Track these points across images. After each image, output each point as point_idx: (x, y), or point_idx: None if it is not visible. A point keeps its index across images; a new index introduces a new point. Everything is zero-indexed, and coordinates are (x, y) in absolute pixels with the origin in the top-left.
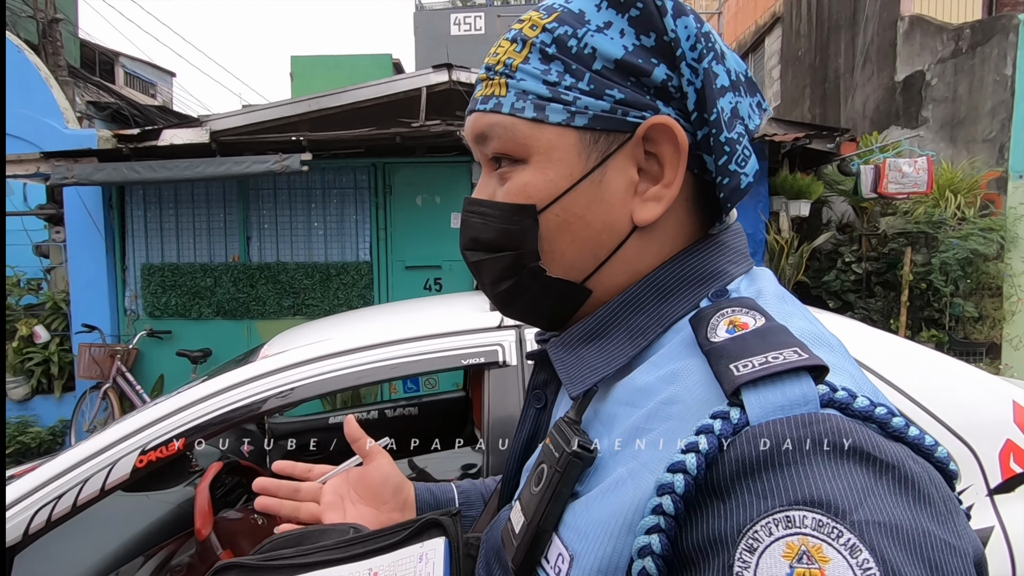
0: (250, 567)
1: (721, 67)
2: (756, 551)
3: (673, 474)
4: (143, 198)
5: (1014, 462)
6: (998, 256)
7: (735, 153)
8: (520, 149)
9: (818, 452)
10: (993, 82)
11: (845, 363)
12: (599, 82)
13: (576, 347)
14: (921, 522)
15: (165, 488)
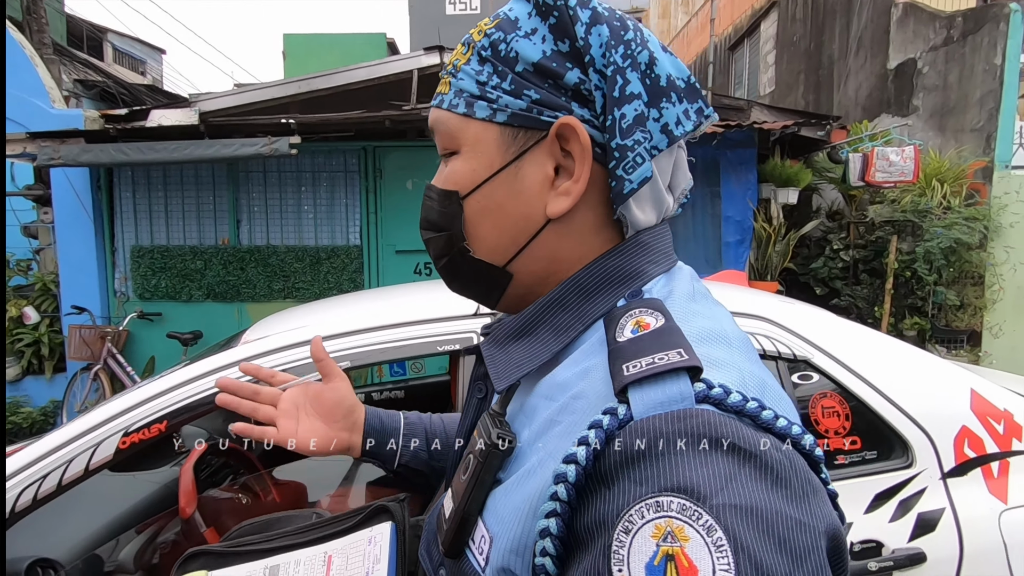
0: (217, 553)
1: (634, 74)
2: (630, 532)
3: (567, 464)
4: (131, 179)
5: (968, 447)
6: (981, 245)
7: (624, 159)
8: (453, 141)
9: (689, 444)
10: (983, 71)
11: (738, 359)
12: (519, 83)
13: (506, 343)
14: (775, 503)
15: (152, 468)
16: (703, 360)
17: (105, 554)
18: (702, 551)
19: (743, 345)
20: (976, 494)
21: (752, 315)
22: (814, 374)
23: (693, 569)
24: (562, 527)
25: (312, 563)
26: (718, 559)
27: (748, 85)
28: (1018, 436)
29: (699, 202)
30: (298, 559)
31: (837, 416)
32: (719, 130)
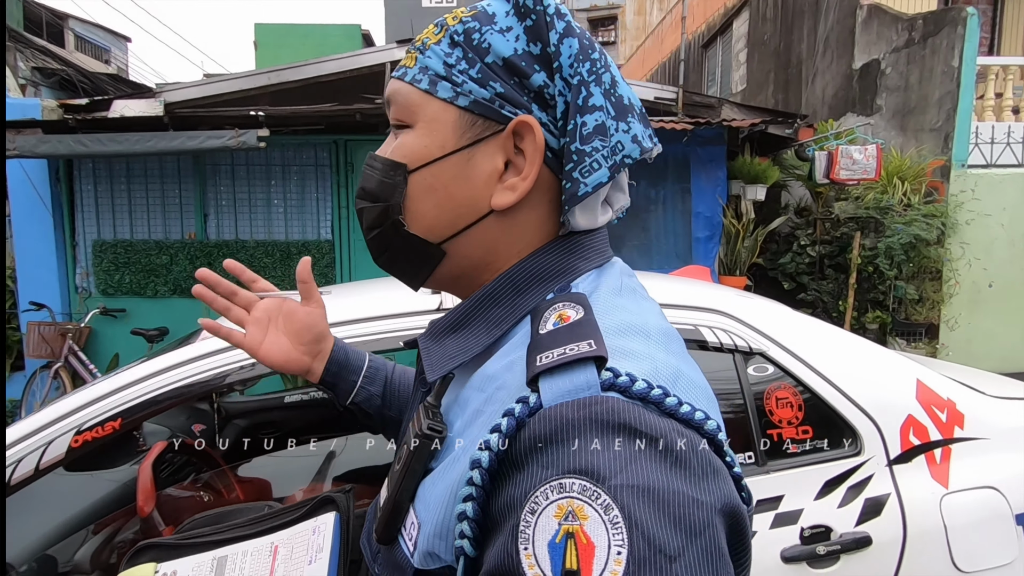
0: (168, 546)
1: (598, 89)
2: (536, 512)
3: (481, 451)
4: (92, 172)
5: (913, 435)
6: (939, 242)
7: (581, 163)
8: (410, 115)
9: (592, 429)
10: (941, 73)
11: (654, 351)
12: (486, 73)
13: (441, 336)
14: (672, 483)
15: (111, 467)
16: (617, 351)
17: (60, 554)
18: (599, 528)
19: (663, 338)
20: (920, 480)
21: (710, 309)
22: (769, 366)
23: (591, 545)
24: (478, 511)
25: (259, 553)
26: (613, 535)
27: (721, 83)
28: (960, 424)
29: (670, 198)
30: (245, 550)
31: (790, 407)
32: (689, 127)
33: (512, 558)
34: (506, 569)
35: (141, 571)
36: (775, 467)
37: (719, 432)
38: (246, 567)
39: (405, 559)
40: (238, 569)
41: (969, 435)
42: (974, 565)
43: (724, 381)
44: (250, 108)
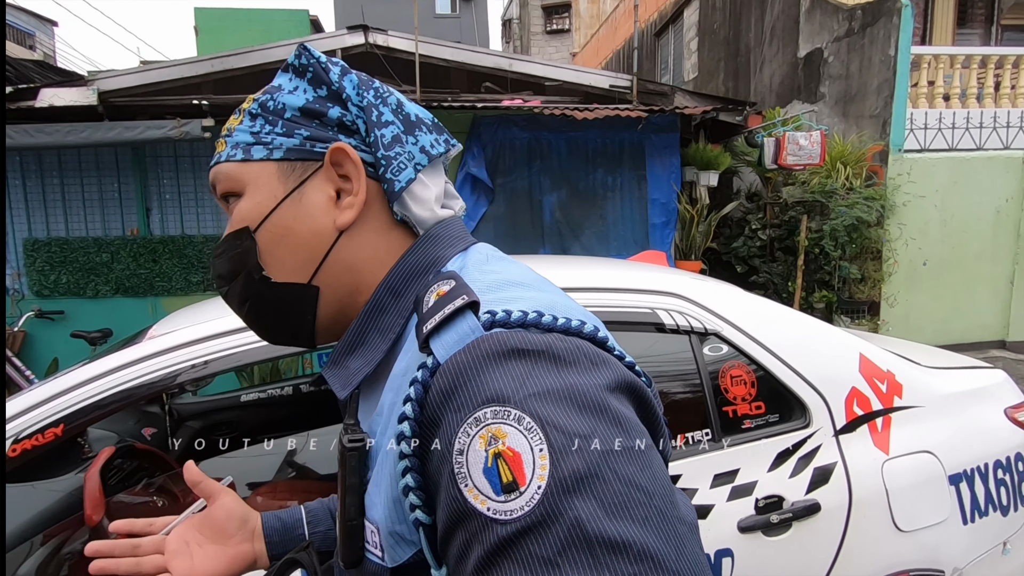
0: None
1: (386, 108)
2: (464, 452)
3: (400, 423)
4: (20, 165)
5: (857, 406)
6: (879, 223)
7: (390, 166)
8: (236, 185)
9: (486, 362)
10: (879, 62)
11: (529, 294)
12: (289, 125)
13: (342, 360)
14: (566, 380)
15: (55, 476)
16: (493, 301)
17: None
18: (519, 438)
19: (538, 282)
20: (863, 447)
21: (666, 292)
22: (723, 345)
23: (517, 455)
24: (418, 478)
25: None
26: (532, 439)
27: (673, 71)
28: (899, 394)
29: (626, 185)
30: None
31: (744, 384)
32: (644, 115)
33: (457, 500)
34: (457, 512)
35: None
36: (731, 442)
37: (598, 332)
38: None
39: (378, 567)
40: None
41: (907, 404)
42: (913, 524)
43: (681, 362)
44: (193, 97)
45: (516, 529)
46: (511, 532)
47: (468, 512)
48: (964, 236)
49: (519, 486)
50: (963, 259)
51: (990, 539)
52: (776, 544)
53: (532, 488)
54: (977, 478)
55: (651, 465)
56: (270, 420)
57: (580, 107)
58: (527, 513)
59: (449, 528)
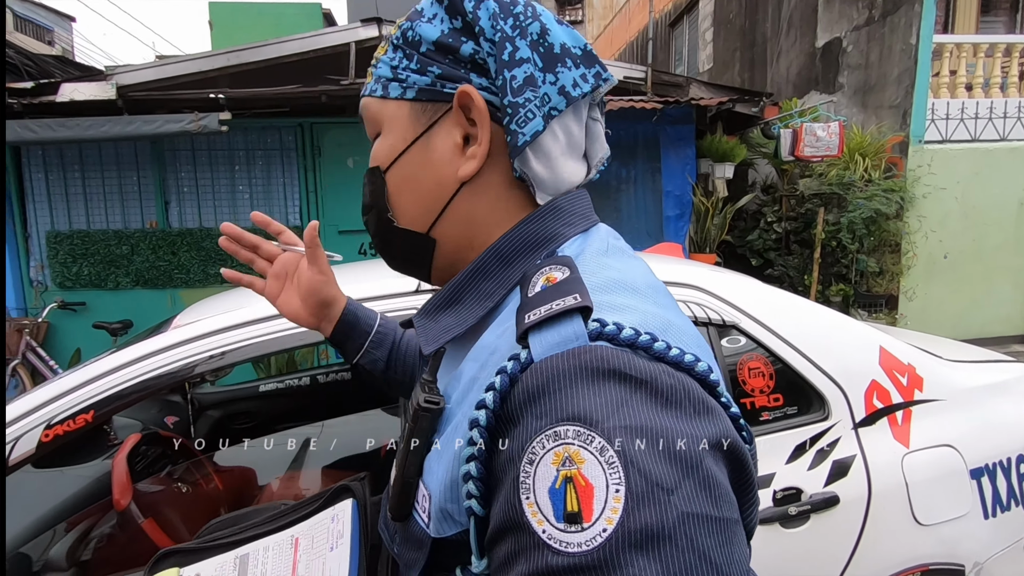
0: (188, 551)
1: (523, 42)
2: (534, 462)
3: (478, 410)
4: (43, 159)
5: (876, 399)
6: (898, 215)
7: (516, 115)
8: (376, 124)
9: (582, 377)
10: (900, 50)
11: (643, 304)
12: (423, 61)
13: (435, 313)
14: (664, 422)
15: (83, 462)
16: (604, 305)
17: (34, 551)
18: (596, 470)
19: (652, 292)
20: (883, 441)
21: (684, 284)
22: (741, 337)
23: (589, 487)
24: (481, 469)
25: (280, 547)
26: (611, 475)
27: (688, 62)
28: (920, 387)
29: (640, 177)
30: (267, 545)
31: (762, 376)
32: (659, 106)
33: (515, 508)
34: (511, 521)
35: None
36: None
37: (710, 373)
38: (268, 562)
39: (422, 531)
40: (261, 564)
41: (928, 397)
42: (932, 518)
43: None
44: (209, 90)
45: (568, 564)
46: (562, 565)
47: (522, 525)
48: (985, 228)
49: (583, 520)
50: (984, 252)
51: (1012, 534)
52: (794, 536)
53: (596, 528)
54: (999, 472)
55: (731, 542)
56: (288, 410)
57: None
58: (584, 553)
59: (500, 531)
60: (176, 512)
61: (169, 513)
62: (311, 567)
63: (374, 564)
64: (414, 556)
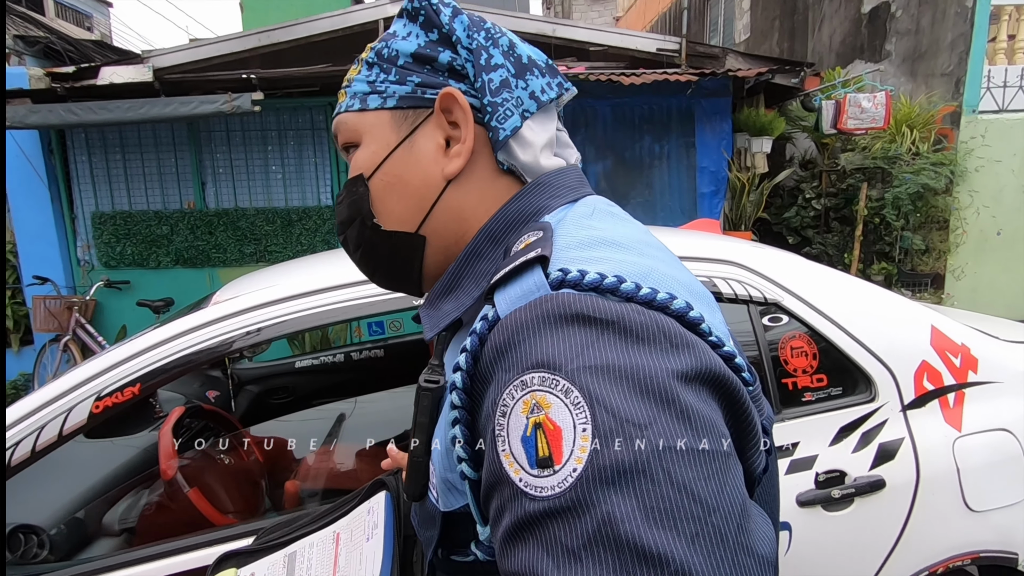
0: (246, 552)
1: (496, 51)
2: (506, 414)
3: (455, 373)
4: (86, 142)
5: (927, 380)
6: (947, 190)
7: (496, 112)
8: (354, 135)
9: (545, 324)
10: (954, 14)
11: (622, 255)
12: (402, 73)
13: (436, 301)
14: (633, 358)
15: (130, 434)
16: (576, 259)
17: (87, 517)
18: (562, 412)
19: (640, 246)
20: (933, 424)
21: (724, 260)
22: (784, 316)
23: (557, 430)
24: (466, 432)
25: (323, 543)
26: (577, 415)
27: (724, 32)
28: (974, 368)
29: (674, 153)
30: (312, 542)
31: (805, 356)
32: (694, 78)
33: (495, 463)
34: (495, 476)
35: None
36: (790, 415)
37: (689, 311)
38: (313, 557)
39: (433, 507)
40: (306, 560)
41: (983, 379)
42: (985, 504)
43: (739, 333)
44: (241, 71)
45: (544, 508)
46: (538, 510)
47: (503, 478)
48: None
49: (554, 463)
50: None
51: None
52: (837, 519)
53: (567, 469)
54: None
55: (719, 475)
56: (323, 386)
57: (627, 72)
58: (557, 495)
59: (488, 489)
60: (219, 482)
61: (212, 483)
62: (350, 558)
63: (408, 553)
64: (430, 534)
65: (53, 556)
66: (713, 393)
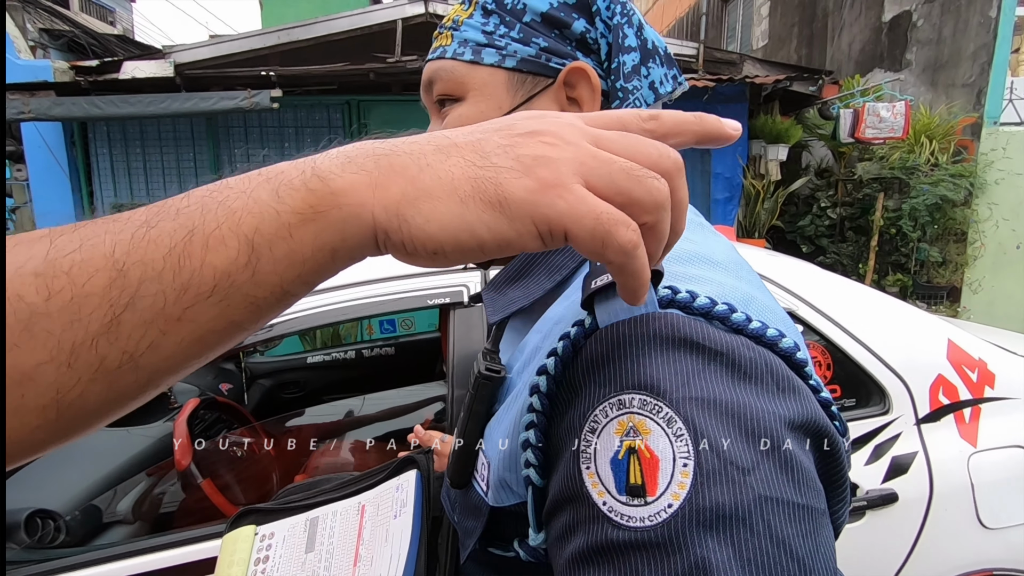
0: (265, 511)
1: (631, 30)
2: (596, 431)
3: (539, 376)
4: (107, 135)
5: (943, 395)
6: (966, 202)
7: (627, 100)
8: (459, 88)
9: (651, 344)
10: (977, 24)
11: (721, 276)
12: (527, 32)
13: (504, 287)
14: (740, 396)
15: (146, 423)
16: (680, 276)
17: (103, 505)
18: (662, 441)
19: (735, 267)
20: (948, 438)
21: None
22: (798, 325)
23: (655, 459)
24: (540, 437)
25: (347, 513)
26: (678, 448)
27: (741, 38)
28: (991, 384)
29: (688, 159)
30: (335, 510)
31: (819, 365)
32: (710, 84)
33: (575, 479)
34: (571, 492)
35: (242, 532)
36: None
37: (797, 351)
38: (336, 526)
39: (480, 500)
40: (329, 527)
41: (1000, 395)
42: (1000, 522)
43: None
44: (261, 68)
45: (629, 539)
46: (622, 540)
47: (581, 497)
48: None
49: (647, 494)
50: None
51: None
52: (847, 532)
53: (661, 503)
54: None
55: (816, 534)
56: (334, 381)
57: None
58: (647, 528)
59: (559, 502)
60: (231, 474)
61: (225, 474)
62: (375, 533)
63: (435, 534)
64: (472, 525)
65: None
66: (813, 445)
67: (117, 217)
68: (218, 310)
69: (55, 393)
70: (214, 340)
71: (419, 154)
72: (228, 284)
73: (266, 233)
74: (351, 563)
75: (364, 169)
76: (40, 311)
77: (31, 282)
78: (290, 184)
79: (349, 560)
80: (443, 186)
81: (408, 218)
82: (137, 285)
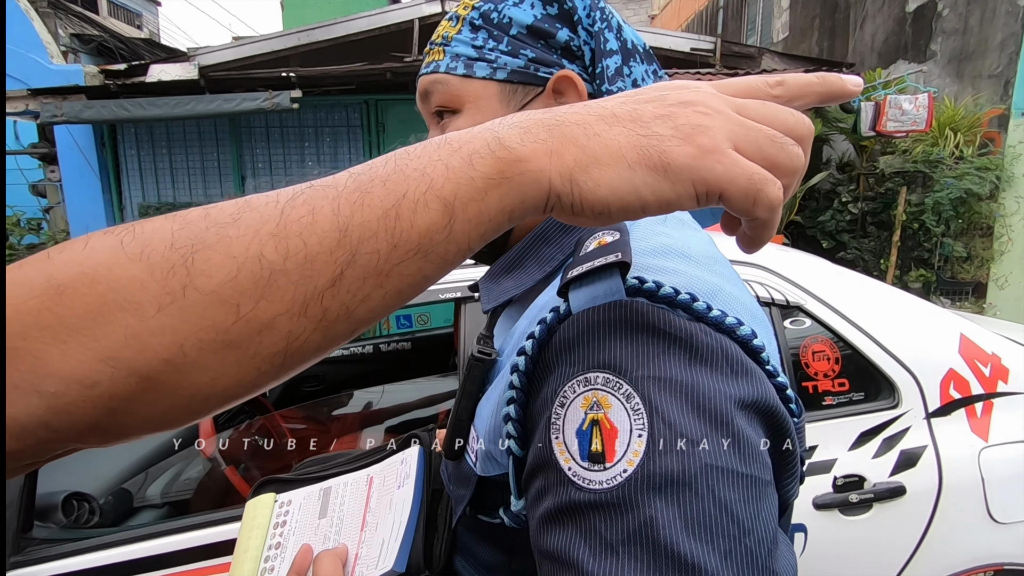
0: (284, 480)
1: (611, 34)
2: (565, 405)
3: (519, 356)
4: (135, 136)
5: (954, 389)
6: (992, 196)
7: None
8: (454, 100)
9: (616, 329)
10: (1005, 13)
11: (692, 269)
12: (515, 44)
13: (498, 277)
14: (694, 376)
15: None
16: (650, 268)
17: (133, 488)
18: (622, 415)
19: (709, 261)
20: (958, 432)
21: (747, 263)
22: (806, 319)
23: (614, 430)
24: (519, 412)
25: (357, 484)
26: (635, 420)
27: (761, 32)
28: (1004, 379)
29: None
30: (346, 481)
31: (827, 359)
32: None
33: (546, 448)
34: (543, 459)
35: (263, 499)
36: (809, 418)
37: (754, 338)
38: (347, 495)
39: (469, 470)
40: (340, 496)
41: (1013, 390)
42: (1011, 516)
43: None
44: (281, 69)
45: (588, 500)
46: (582, 500)
47: (551, 463)
48: None
49: (605, 461)
50: None
51: None
52: (854, 524)
53: (617, 468)
54: None
55: (757, 500)
56: (353, 375)
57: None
58: (603, 491)
59: (533, 470)
60: (253, 462)
61: (247, 463)
62: (380, 502)
63: (435, 504)
64: (463, 492)
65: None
66: (763, 423)
67: (323, 182)
68: (418, 266)
69: (286, 342)
70: (409, 293)
71: (585, 124)
72: (429, 242)
73: (463, 196)
74: (359, 528)
75: (539, 139)
76: (279, 268)
77: (270, 243)
78: (479, 153)
79: (357, 525)
80: (611, 153)
81: (580, 182)
82: (357, 244)
